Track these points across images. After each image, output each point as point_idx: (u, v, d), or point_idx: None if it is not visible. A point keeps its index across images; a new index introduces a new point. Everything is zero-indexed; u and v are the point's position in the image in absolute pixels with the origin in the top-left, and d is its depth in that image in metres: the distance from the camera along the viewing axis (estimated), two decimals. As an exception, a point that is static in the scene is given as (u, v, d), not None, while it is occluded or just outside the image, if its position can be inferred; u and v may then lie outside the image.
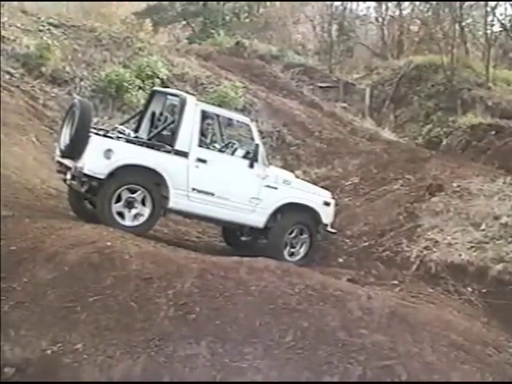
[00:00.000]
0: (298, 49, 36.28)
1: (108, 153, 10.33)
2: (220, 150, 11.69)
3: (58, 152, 11.18)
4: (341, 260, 12.31)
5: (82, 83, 18.75)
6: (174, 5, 36.51)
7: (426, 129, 25.56)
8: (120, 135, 11.25)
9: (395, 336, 7.82)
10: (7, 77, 17.36)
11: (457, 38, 28.85)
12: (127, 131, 11.71)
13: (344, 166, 17.98)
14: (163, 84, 20.16)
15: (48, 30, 20.89)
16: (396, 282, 11.01)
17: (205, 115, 11.53)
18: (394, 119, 27.41)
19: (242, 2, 36.78)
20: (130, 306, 7.79)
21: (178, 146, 10.87)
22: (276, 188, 11.57)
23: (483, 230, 12.19)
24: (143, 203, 10.58)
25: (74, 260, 8.36)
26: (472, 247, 11.75)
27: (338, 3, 35.91)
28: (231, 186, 11.27)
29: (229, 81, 22.13)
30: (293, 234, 11.82)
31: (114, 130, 11.82)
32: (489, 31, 29.21)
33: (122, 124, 12.29)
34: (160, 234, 12.07)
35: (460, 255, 11.59)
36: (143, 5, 35.52)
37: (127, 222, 10.49)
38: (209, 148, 11.53)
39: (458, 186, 14.17)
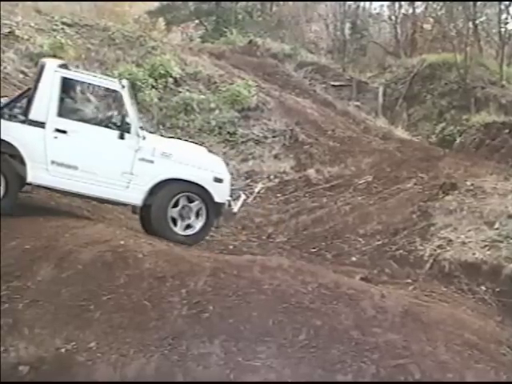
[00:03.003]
0: (311, 47, 36.30)
1: None
2: (85, 120, 10.60)
3: None
4: (354, 259, 12.30)
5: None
6: (187, 4, 36.67)
7: (440, 127, 25.53)
8: None
9: (408, 335, 7.81)
10: (21, 76, 17.45)
11: (470, 36, 28.79)
12: None
13: (357, 164, 17.95)
14: (176, 83, 20.23)
15: (61, 29, 21.00)
16: (409, 280, 10.99)
17: (67, 82, 10.38)
18: (407, 118, 27.37)
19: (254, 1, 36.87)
20: (144, 304, 7.81)
21: (33, 116, 9.99)
22: (152, 162, 10.36)
23: (497, 229, 12.17)
24: None
25: (87, 259, 8.39)
26: (486, 246, 11.73)
27: (351, 2, 35.94)
28: (97, 159, 10.22)
29: (242, 79, 22.12)
30: (179, 206, 10.46)
31: None
32: (503, 29, 29.15)
33: (13, 101, 10.91)
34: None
35: (474, 254, 11.58)
36: (156, 4, 35.62)
37: None
38: (71, 118, 10.31)
39: (472, 185, 14.17)
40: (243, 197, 11.44)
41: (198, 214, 10.54)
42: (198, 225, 10.56)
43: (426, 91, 28.38)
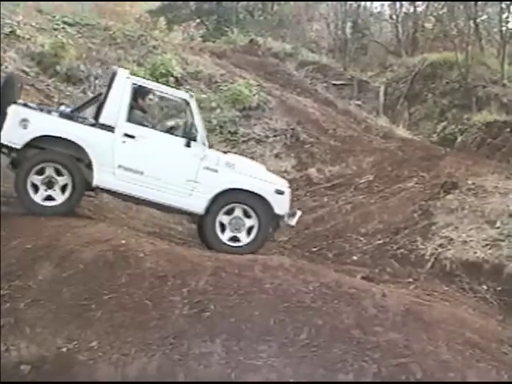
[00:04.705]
0: (312, 46, 36.25)
1: (24, 122, 10.00)
2: (153, 127, 11.00)
3: None
4: (355, 258, 12.29)
5: (97, 82, 18.81)
6: (188, 3, 36.65)
7: (441, 126, 25.46)
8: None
9: (410, 334, 7.81)
10: (22, 75, 17.44)
11: (471, 35, 28.72)
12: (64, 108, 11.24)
13: (358, 163, 17.95)
14: (177, 82, 20.21)
15: (63, 28, 20.98)
16: (411, 279, 11.00)
17: (137, 89, 10.77)
18: (408, 117, 27.33)
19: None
20: (145, 303, 7.83)
21: (103, 120, 10.29)
22: (216, 171, 10.53)
23: (498, 228, 12.16)
24: (63, 187, 10.13)
25: (88, 258, 8.41)
26: (487, 245, 11.72)
27: (352, 1, 35.90)
28: (163, 166, 10.45)
29: (243, 79, 22.10)
30: (231, 216, 10.62)
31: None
32: (504, 28, 29.05)
33: (83, 106, 11.56)
34: (174, 232, 12.10)
35: (475, 253, 11.57)
36: (157, 3, 35.61)
37: (39, 200, 10.07)
38: (141, 124, 10.62)
39: (473, 184, 14.14)
40: (299, 213, 11.37)
41: (249, 231, 10.66)
42: (245, 240, 10.65)
43: (427, 90, 28.32)
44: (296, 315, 7.83)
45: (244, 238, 10.65)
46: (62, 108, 11.27)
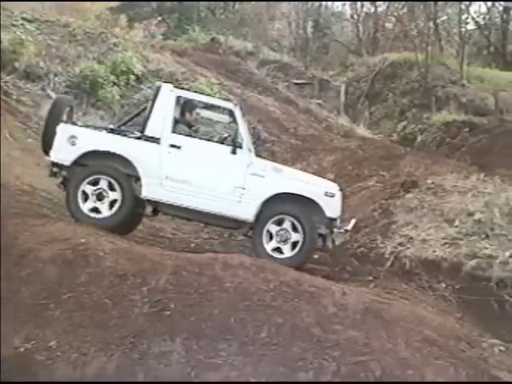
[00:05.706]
0: (274, 45, 36.41)
1: (72, 139, 10.16)
2: (198, 136, 11.17)
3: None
4: (316, 256, 12.28)
5: (56, 79, 18.66)
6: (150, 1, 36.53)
7: (401, 126, 25.73)
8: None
9: (369, 332, 7.85)
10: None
11: (431, 36, 29.10)
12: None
13: (319, 162, 17.99)
14: (138, 80, 20.11)
15: (22, 24, 20.76)
16: (370, 278, 11.04)
17: (181, 101, 10.94)
18: (368, 116, 27.55)
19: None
20: (105, 302, 7.77)
21: (148, 132, 10.39)
22: (263, 176, 10.47)
23: (457, 227, 12.24)
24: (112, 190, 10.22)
25: (47, 257, 8.32)
26: (446, 243, 11.79)
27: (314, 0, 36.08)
28: (210, 174, 10.43)
29: (204, 77, 22.09)
30: (278, 228, 10.46)
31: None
32: (463, 29, 29.45)
33: (128, 121, 11.99)
34: (134, 231, 12.03)
35: (434, 251, 11.63)
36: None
37: (102, 215, 10.18)
38: (185, 134, 10.66)
39: (433, 183, 14.23)
40: (354, 220, 11.57)
41: (294, 228, 10.51)
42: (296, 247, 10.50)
43: (387, 90, 28.60)
44: (256, 314, 7.83)
45: (296, 238, 10.54)
46: (110, 126, 11.57)
